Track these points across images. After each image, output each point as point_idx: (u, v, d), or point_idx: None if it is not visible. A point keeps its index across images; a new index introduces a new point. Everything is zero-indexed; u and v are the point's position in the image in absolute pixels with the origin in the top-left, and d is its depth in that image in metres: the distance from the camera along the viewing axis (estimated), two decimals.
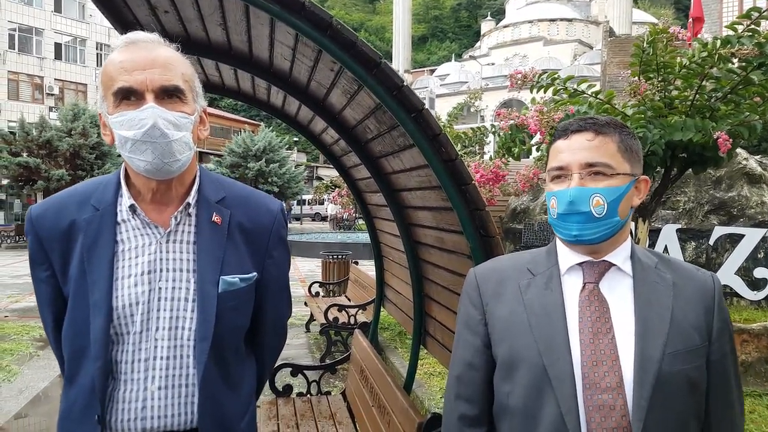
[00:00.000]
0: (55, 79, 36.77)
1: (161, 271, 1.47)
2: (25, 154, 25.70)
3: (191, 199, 1.51)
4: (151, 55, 1.39)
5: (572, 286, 1.36)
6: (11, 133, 26.47)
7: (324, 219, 42.55)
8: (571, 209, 1.29)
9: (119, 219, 1.48)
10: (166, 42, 1.47)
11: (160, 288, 1.46)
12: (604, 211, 1.28)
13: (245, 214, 1.58)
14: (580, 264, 1.36)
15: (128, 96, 1.37)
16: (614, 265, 1.34)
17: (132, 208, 1.48)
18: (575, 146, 1.32)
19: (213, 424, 1.49)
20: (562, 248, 1.40)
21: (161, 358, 1.45)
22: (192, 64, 1.52)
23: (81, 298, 1.43)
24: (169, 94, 1.39)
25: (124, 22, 2.68)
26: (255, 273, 1.57)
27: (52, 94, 36.46)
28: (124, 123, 1.37)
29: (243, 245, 1.56)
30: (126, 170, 1.52)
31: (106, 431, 1.44)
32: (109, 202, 1.48)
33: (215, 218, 1.52)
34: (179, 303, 1.47)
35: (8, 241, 25.57)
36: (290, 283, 1.81)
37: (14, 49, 35.18)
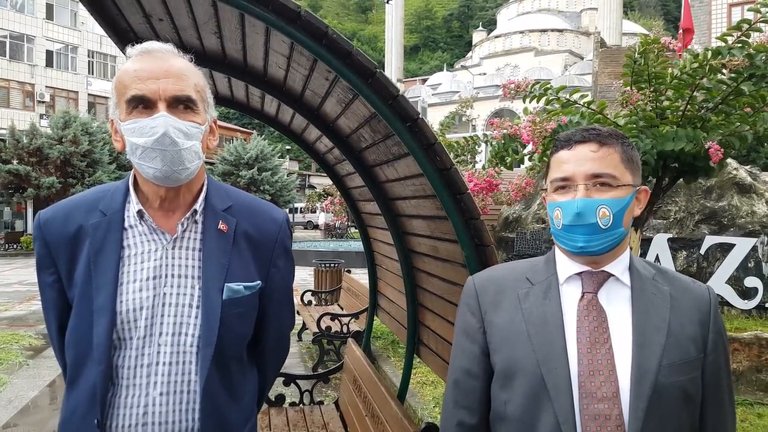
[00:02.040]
0: (46, 86, 36.55)
1: (166, 276, 1.48)
2: (15, 162, 25.52)
3: (198, 206, 1.53)
4: (165, 65, 1.42)
5: (571, 295, 1.36)
6: (1, 140, 26.29)
7: (316, 227, 42.29)
8: (577, 221, 1.29)
9: (126, 224, 1.50)
10: (180, 53, 1.50)
11: (164, 293, 1.47)
12: (610, 223, 1.29)
13: (251, 223, 1.59)
14: (579, 274, 1.36)
15: (141, 104, 1.40)
16: (613, 275, 1.34)
17: (140, 213, 1.49)
18: (580, 157, 1.32)
19: (215, 431, 1.49)
20: (561, 258, 1.40)
21: (164, 363, 1.45)
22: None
23: (85, 302, 1.44)
24: (181, 104, 1.42)
25: (118, 30, 2.68)
26: (259, 282, 1.58)
27: (43, 102, 36.25)
28: (135, 130, 1.39)
29: (248, 253, 1.57)
30: (135, 177, 1.53)
31: None
32: (117, 208, 1.50)
33: (221, 226, 1.54)
34: (183, 309, 1.47)
35: None
36: None
37: (5, 56, 34.97)
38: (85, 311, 1.44)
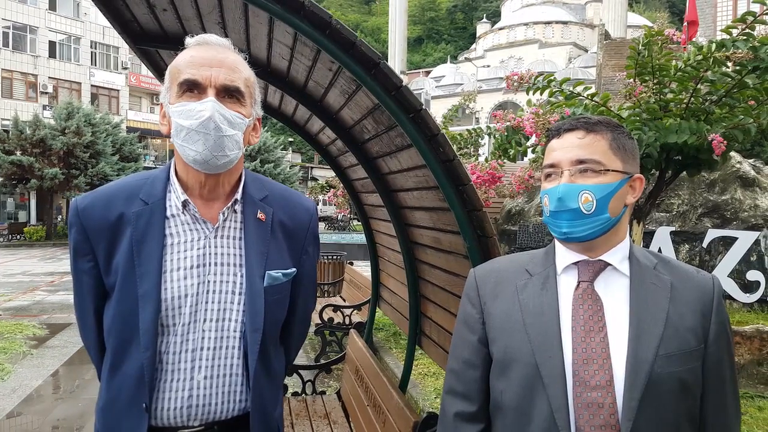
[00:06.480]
0: (49, 77, 36.56)
1: (210, 264, 1.52)
2: (18, 153, 25.61)
3: (238, 196, 1.58)
4: (221, 56, 1.49)
5: (567, 285, 1.36)
6: (5, 131, 26.37)
7: None
8: (560, 206, 1.31)
9: (168, 213, 1.53)
10: (236, 50, 1.56)
11: (208, 281, 1.52)
12: (593, 208, 1.29)
13: (285, 213, 1.66)
14: (575, 263, 1.37)
15: (192, 88, 1.45)
16: (610, 264, 1.34)
17: (185, 203, 1.53)
18: (567, 144, 1.34)
19: (258, 412, 1.57)
20: (559, 248, 1.41)
21: (208, 348, 1.51)
22: None
23: (129, 290, 1.47)
24: (229, 94, 1.48)
25: (121, 20, 2.68)
26: (295, 269, 1.65)
27: (46, 93, 36.26)
28: (183, 113, 1.44)
29: (283, 242, 1.64)
30: (175, 166, 1.57)
31: (152, 420, 1.49)
32: (159, 197, 1.54)
33: (260, 215, 1.59)
34: (226, 296, 1.53)
35: (1, 239, 25.44)
36: None
37: (8, 47, 34.98)
38: (129, 298, 1.47)
